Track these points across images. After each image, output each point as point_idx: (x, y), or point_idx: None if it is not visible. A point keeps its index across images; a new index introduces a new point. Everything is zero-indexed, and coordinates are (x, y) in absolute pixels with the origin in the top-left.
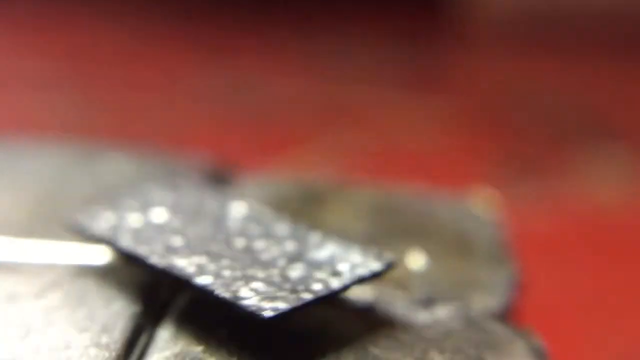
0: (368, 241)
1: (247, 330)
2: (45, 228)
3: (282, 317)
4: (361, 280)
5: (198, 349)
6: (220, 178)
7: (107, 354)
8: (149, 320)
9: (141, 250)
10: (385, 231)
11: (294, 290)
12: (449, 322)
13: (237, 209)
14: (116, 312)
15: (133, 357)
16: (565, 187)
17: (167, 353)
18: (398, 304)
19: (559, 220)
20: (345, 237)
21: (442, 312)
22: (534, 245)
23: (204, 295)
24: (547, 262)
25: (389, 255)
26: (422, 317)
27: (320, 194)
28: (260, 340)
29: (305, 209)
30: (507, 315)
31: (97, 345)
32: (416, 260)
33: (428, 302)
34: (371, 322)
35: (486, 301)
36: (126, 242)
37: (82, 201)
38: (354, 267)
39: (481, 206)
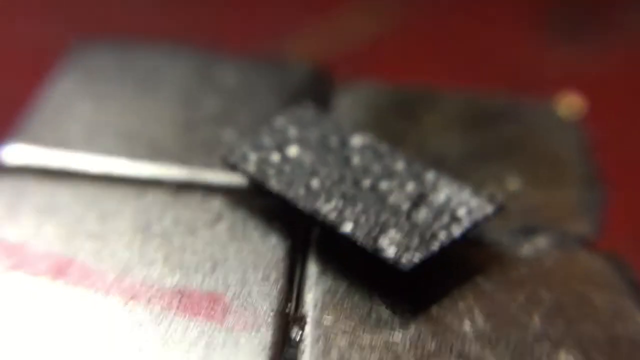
0: (466, 161)
1: (380, 267)
2: (194, 155)
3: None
4: (477, 225)
5: (344, 284)
6: (320, 88)
7: (276, 289)
8: (299, 255)
9: (290, 193)
10: (479, 148)
11: (423, 240)
12: (549, 253)
13: (356, 142)
14: (273, 247)
15: (294, 292)
16: None
17: (322, 288)
18: (501, 233)
19: None
20: (445, 159)
21: (542, 242)
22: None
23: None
24: None
25: (498, 197)
26: (524, 248)
27: (413, 105)
28: (390, 275)
29: (401, 126)
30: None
31: (268, 280)
32: (512, 183)
33: (527, 231)
34: (481, 255)
35: (581, 227)
36: (275, 184)
37: (215, 121)
38: (470, 211)
39: (566, 111)
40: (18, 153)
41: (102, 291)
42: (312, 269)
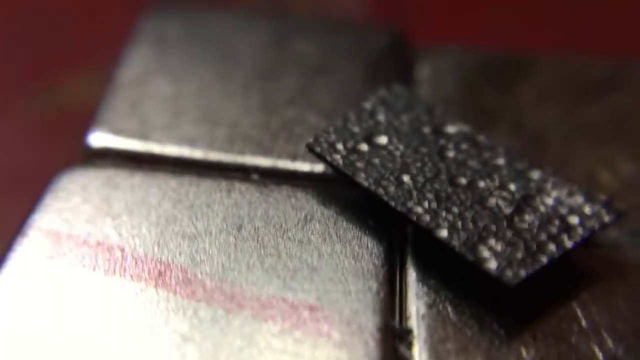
0: (569, 142)
1: (485, 276)
2: (278, 140)
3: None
4: (593, 235)
5: (449, 295)
6: (402, 55)
7: (378, 300)
8: (397, 259)
9: (380, 191)
10: (583, 126)
11: (529, 251)
12: None
13: (452, 130)
14: (370, 250)
15: (396, 304)
16: None
17: (425, 300)
18: (615, 232)
19: None
20: (545, 140)
21: None
22: None
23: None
24: None
25: (618, 205)
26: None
27: (504, 74)
28: (497, 287)
29: (493, 99)
30: None
31: (370, 290)
32: (625, 168)
33: None
34: (596, 262)
35: None
36: (364, 179)
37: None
38: (584, 219)
39: None
40: (104, 140)
41: (203, 300)
42: (412, 276)
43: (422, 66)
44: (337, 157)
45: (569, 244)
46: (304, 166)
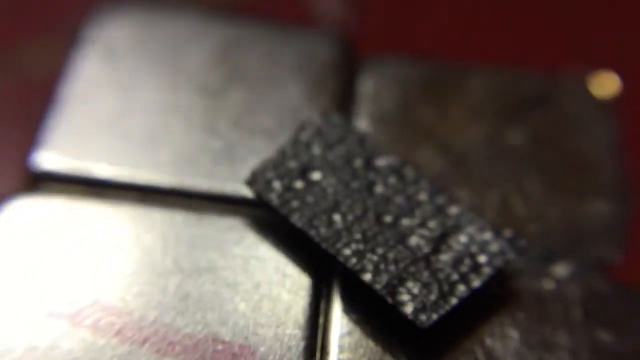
0: (489, 163)
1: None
2: (219, 165)
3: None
4: (497, 271)
5: (367, 330)
6: (347, 65)
7: (304, 337)
8: (323, 296)
9: (312, 232)
10: (504, 147)
11: (441, 292)
12: (569, 286)
13: (381, 163)
14: (298, 287)
15: (318, 339)
16: None
17: (347, 337)
18: (520, 265)
19: None
20: (467, 161)
21: (562, 270)
22: None
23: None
24: None
25: (522, 241)
26: (544, 281)
27: (441, 90)
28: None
29: (427, 117)
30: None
31: (298, 327)
32: (533, 190)
33: (547, 257)
34: (502, 293)
35: (604, 251)
36: (298, 220)
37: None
38: (491, 257)
39: (601, 91)
40: (48, 163)
41: (136, 342)
42: (337, 310)
43: (365, 80)
44: (273, 196)
45: (476, 282)
46: (243, 190)
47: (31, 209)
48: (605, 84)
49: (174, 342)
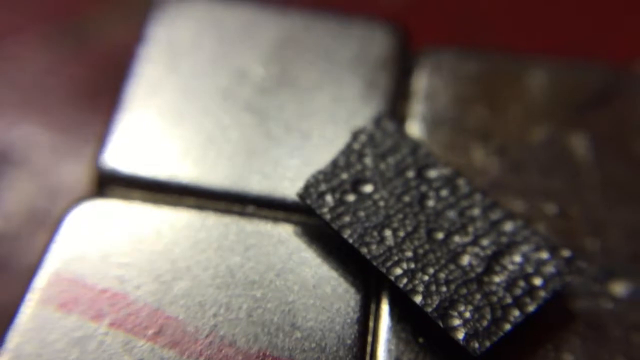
0: (546, 171)
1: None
2: (277, 175)
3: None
4: (554, 294)
5: (415, 351)
6: (403, 52)
7: (352, 355)
8: (371, 313)
9: (363, 249)
10: (559, 154)
11: (494, 317)
12: (629, 305)
13: (433, 175)
14: (347, 303)
15: (367, 347)
16: None
17: (394, 352)
18: (576, 283)
19: None
20: (524, 169)
21: (620, 289)
22: None
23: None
24: None
25: (580, 263)
26: (603, 300)
27: (497, 86)
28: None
29: (483, 117)
30: None
31: (344, 345)
32: (592, 205)
33: (605, 275)
34: (559, 315)
35: None
36: (349, 235)
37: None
38: (547, 280)
39: None
40: (116, 165)
41: (194, 356)
42: (385, 326)
43: (420, 75)
44: (325, 210)
45: (531, 307)
46: (292, 199)
47: (95, 213)
48: None
49: (226, 356)
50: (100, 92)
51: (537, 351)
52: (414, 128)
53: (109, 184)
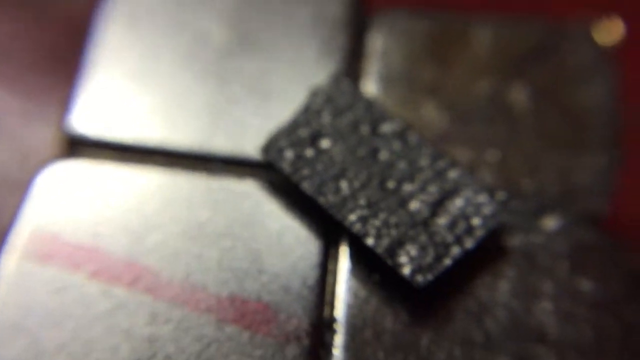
0: (489, 120)
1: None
2: (233, 129)
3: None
4: (490, 232)
5: (371, 288)
6: (359, 14)
7: (314, 295)
8: (332, 256)
9: (321, 199)
10: (504, 103)
11: (437, 254)
12: (557, 238)
13: (386, 129)
14: (308, 248)
15: (326, 297)
16: None
17: (353, 293)
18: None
19: None
20: (470, 119)
21: (551, 223)
22: None
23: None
24: None
25: (515, 203)
26: (534, 234)
27: (446, 44)
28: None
29: (433, 73)
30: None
31: (306, 286)
32: (531, 145)
33: (538, 210)
34: (494, 246)
35: (592, 204)
36: (308, 187)
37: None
38: (485, 220)
39: (605, 37)
40: (84, 128)
41: (169, 301)
42: (344, 269)
43: (374, 36)
44: (286, 164)
45: (470, 244)
46: (255, 154)
47: (65, 174)
48: (610, 31)
49: (199, 300)
50: (63, 56)
51: (476, 281)
52: (369, 86)
53: (78, 146)
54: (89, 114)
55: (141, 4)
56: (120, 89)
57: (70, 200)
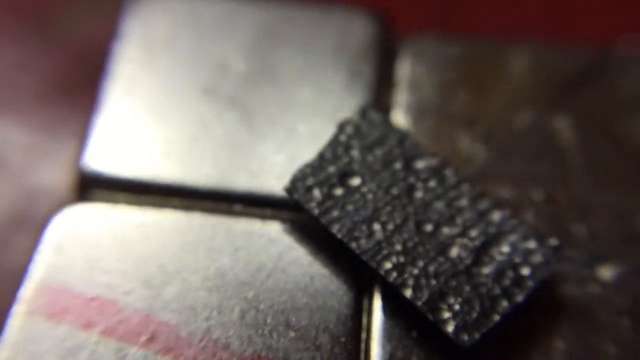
0: (532, 157)
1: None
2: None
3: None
4: (542, 282)
5: (409, 345)
6: (386, 40)
7: (345, 352)
8: (365, 302)
9: (352, 244)
10: (546, 138)
11: (483, 309)
12: (617, 290)
13: (421, 166)
14: (339, 299)
15: (361, 354)
16: None
17: (387, 347)
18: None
19: None
20: (511, 155)
21: (607, 273)
22: None
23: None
24: None
25: (568, 250)
26: (591, 286)
27: (482, 70)
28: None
29: (469, 102)
30: None
31: (338, 342)
32: (580, 190)
33: (593, 259)
34: (548, 302)
35: None
36: (338, 230)
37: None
38: (535, 269)
39: None
40: (99, 166)
41: None
42: (378, 321)
43: (403, 63)
44: (313, 205)
45: (519, 297)
46: (283, 193)
47: (77, 219)
48: None
49: None
50: (73, 88)
51: (527, 339)
52: (399, 117)
53: (91, 186)
54: (103, 151)
55: (157, 35)
56: (136, 125)
57: (84, 248)
